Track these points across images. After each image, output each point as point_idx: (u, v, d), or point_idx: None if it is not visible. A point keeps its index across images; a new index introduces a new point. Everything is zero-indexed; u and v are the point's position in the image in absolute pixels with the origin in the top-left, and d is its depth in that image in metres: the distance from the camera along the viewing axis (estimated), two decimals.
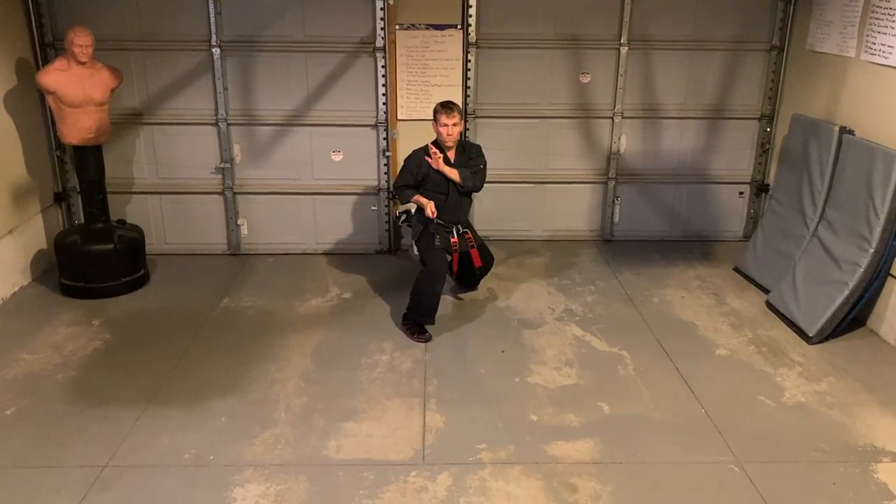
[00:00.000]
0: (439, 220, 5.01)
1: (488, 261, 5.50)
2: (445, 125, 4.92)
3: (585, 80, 6.48)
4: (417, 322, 4.96)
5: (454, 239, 5.11)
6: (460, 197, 5.09)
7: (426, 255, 5.01)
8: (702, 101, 6.56)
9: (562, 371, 4.60)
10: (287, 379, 4.47)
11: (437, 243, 5.02)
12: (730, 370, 4.64)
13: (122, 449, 3.78)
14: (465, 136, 6.40)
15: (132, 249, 5.72)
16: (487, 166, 5.18)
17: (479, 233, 6.77)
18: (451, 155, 5.06)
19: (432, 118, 4.97)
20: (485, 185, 5.19)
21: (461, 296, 5.63)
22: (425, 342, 4.89)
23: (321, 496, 3.47)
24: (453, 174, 4.97)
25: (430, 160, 4.95)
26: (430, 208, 4.91)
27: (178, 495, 3.46)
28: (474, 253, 5.25)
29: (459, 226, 5.17)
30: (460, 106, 4.96)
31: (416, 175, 5.04)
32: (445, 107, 4.93)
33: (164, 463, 3.69)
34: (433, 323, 4.96)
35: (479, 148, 5.22)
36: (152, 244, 6.27)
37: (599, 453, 3.80)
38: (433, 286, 4.92)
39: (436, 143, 5.04)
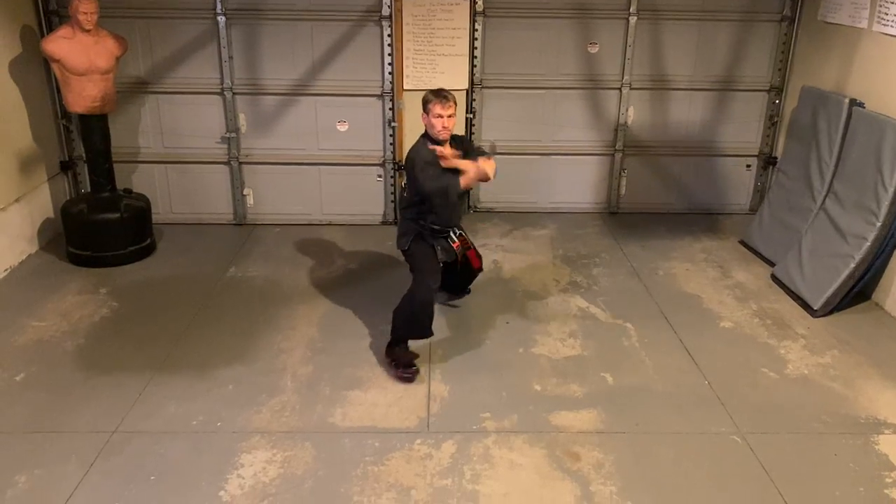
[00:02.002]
0: (435, 225, 4.37)
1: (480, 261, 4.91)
2: (440, 116, 4.13)
3: (593, 50, 6.42)
4: (408, 339, 4.29)
5: (456, 243, 4.48)
6: (458, 197, 4.44)
7: (422, 265, 4.33)
8: (710, 72, 6.50)
9: (566, 342, 4.62)
10: (293, 348, 4.51)
11: (439, 255, 4.39)
12: (733, 342, 4.65)
13: (131, 415, 3.83)
14: (470, 111, 6.38)
15: (139, 218, 5.73)
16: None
17: (484, 205, 6.81)
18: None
19: (422, 108, 4.21)
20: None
21: (454, 303, 5.04)
22: (414, 376, 4.18)
23: (327, 462, 3.51)
24: (468, 166, 4.17)
25: (440, 157, 4.13)
26: (487, 169, 4.14)
27: (187, 461, 3.51)
28: (471, 254, 4.65)
29: (456, 228, 4.52)
30: (466, 78, 4.39)
31: (438, 167, 4.19)
32: (439, 95, 4.15)
33: (173, 429, 3.73)
34: (432, 334, 4.32)
35: (469, 139, 4.48)
36: (158, 213, 6.28)
37: (602, 423, 3.84)
38: (429, 296, 4.24)
39: (426, 137, 4.28)
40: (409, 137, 6.25)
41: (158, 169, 6.41)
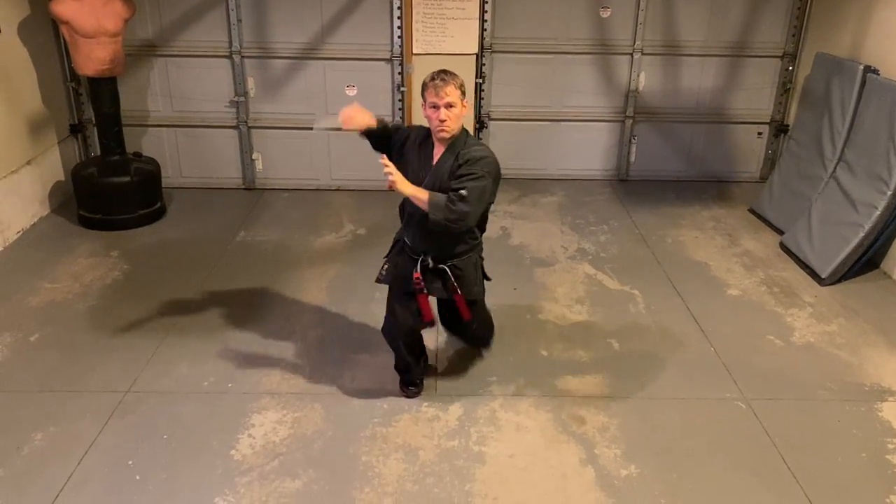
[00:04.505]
0: (407, 240, 3.53)
1: (484, 319, 3.94)
2: (435, 107, 3.17)
3: (605, 14, 6.34)
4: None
5: (417, 274, 3.43)
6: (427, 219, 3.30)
7: (389, 297, 3.64)
8: (723, 38, 6.42)
9: (573, 308, 4.65)
10: (303, 311, 4.55)
11: (392, 269, 3.56)
12: (740, 310, 4.67)
13: (143, 376, 3.89)
14: (479, 75, 6.32)
15: (148, 182, 5.75)
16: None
17: None
18: (438, 152, 3.35)
19: (421, 96, 3.31)
20: (482, 206, 3.30)
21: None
22: (412, 395, 3.77)
23: (336, 423, 3.57)
24: (416, 193, 3.22)
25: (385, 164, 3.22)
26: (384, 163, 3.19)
27: (199, 420, 3.58)
28: (459, 300, 3.54)
29: (429, 258, 3.43)
30: (476, 42, 3.53)
31: (400, 134, 3.50)
32: (438, 77, 3.18)
33: (184, 390, 3.80)
34: (414, 385, 3.78)
35: (484, 161, 3.22)
36: (168, 177, 6.30)
37: (608, 388, 3.88)
38: (393, 337, 3.64)
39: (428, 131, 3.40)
40: (418, 102, 6.19)
41: (168, 133, 6.41)
